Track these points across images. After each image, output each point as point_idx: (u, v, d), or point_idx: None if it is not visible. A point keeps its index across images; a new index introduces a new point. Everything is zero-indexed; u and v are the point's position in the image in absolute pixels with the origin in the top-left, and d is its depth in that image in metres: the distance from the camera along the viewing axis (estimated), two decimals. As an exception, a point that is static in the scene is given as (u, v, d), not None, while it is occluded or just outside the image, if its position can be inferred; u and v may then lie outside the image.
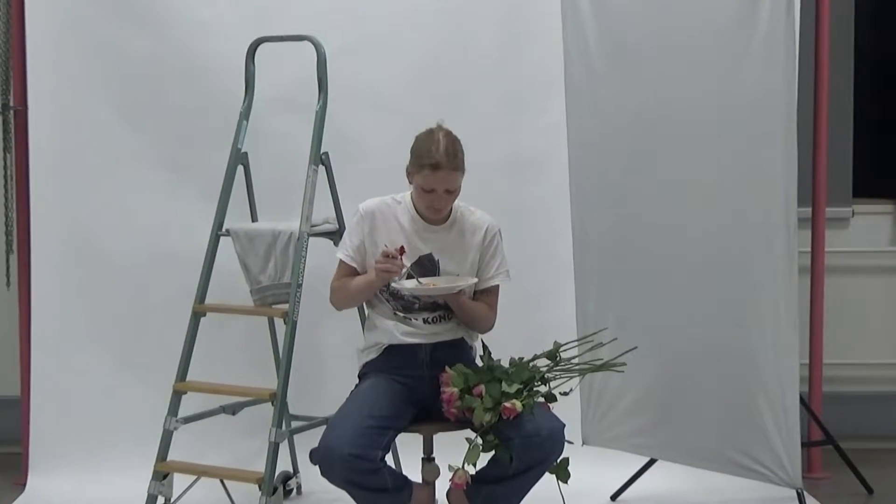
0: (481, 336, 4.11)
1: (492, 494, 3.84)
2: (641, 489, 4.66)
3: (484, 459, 3.78)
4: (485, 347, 4.01)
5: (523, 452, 3.75)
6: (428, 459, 4.00)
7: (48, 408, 4.94)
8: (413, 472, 4.01)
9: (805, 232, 4.82)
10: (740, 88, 4.10)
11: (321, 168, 4.40)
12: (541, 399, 3.85)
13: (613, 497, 4.68)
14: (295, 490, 4.78)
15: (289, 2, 4.92)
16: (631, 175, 4.42)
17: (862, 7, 5.45)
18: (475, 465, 3.75)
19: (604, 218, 4.53)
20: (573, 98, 4.57)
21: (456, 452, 3.76)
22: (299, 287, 4.26)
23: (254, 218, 4.72)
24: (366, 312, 4.18)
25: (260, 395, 4.29)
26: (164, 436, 4.35)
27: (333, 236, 4.48)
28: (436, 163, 3.88)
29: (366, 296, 4.06)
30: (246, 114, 4.52)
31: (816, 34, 4.90)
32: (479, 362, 3.99)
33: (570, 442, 3.88)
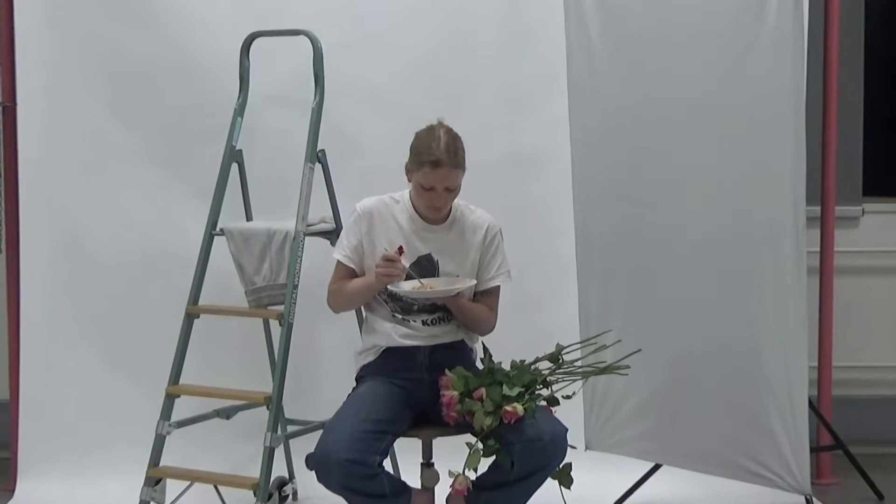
0: (482, 338, 4.09)
1: (493, 501, 3.82)
2: (646, 495, 4.64)
3: (485, 465, 3.77)
4: (485, 350, 3.99)
5: (525, 457, 3.73)
6: (427, 465, 3.99)
7: (37, 411, 4.93)
8: (412, 478, 3.99)
9: (814, 231, 4.82)
10: (748, 84, 4.09)
11: (317, 166, 4.40)
12: (543, 403, 3.84)
13: (617, 503, 4.65)
14: (291, 496, 4.77)
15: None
16: (635, 173, 4.41)
17: (871, 6, 5.49)
18: (476, 471, 3.74)
19: (607, 216, 4.52)
20: (576, 93, 4.56)
21: (456, 457, 3.75)
22: (295, 288, 4.26)
23: (248, 217, 4.71)
24: (364, 315, 4.17)
25: (255, 399, 4.29)
26: (157, 440, 4.35)
27: (330, 236, 4.47)
28: (436, 160, 3.86)
29: (364, 299, 4.05)
30: (240, 110, 4.53)
31: (825, 31, 4.93)
32: (480, 365, 3.97)
33: (573, 447, 3.87)
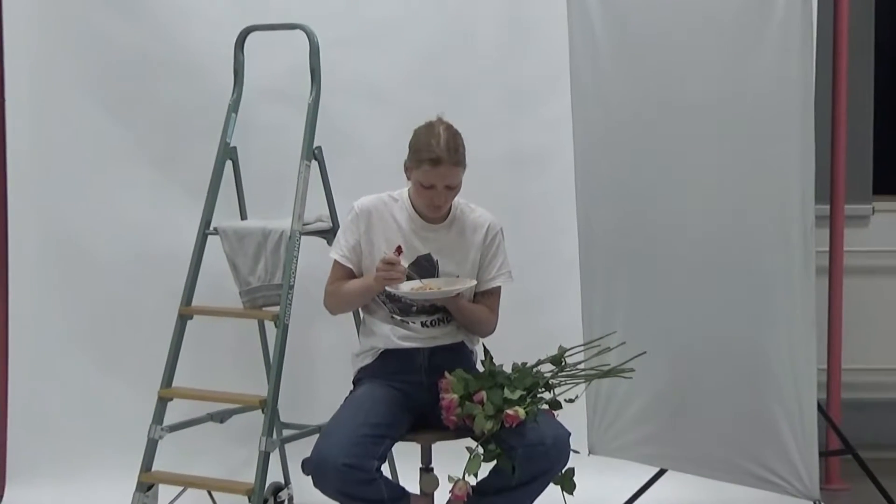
0: (482, 340, 4.07)
1: (494, 506, 3.83)
2: (651, 500, 4.62)
3: (485, 470, 3.75)
4: (486, 352, 3.96)
5: (527, 462, 3.70)
6: (426, 470, 3.97)
7: (27, 415, 4.92)
8: (411, 484, 3.97)
9: (823, 230, 4.86)
10: (754, 80, 4.05)
11: (314, 163, 4.38)
12: (545, 406, 3.81)
13: (621, 509, 4.68)
14: (286, 502, 4.74)
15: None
16: (639, 170, 4.38)
17: (881, 4, 5.55)
18: (476, 476, 3.72)
19: (611, 215, 4.50)
20: (579, 91, 4.54)
21: (456, 462, 3.72)
22: (291, 288, 4.25)
23: (243, 216, 4.70)
24: (361, 316, 4.15)
25: (249, 402, 4.29)
26: (149, 445, 4.33)
27: (327, 235, 4.46)
28: (436, 157, 3.84)
29: (363, 300, 4.03)
30: (235, 106, 4.52)
31: (835, 27, 4.99)
32: (480, 367, 3.96)
33: (576, 451, 3.86)
